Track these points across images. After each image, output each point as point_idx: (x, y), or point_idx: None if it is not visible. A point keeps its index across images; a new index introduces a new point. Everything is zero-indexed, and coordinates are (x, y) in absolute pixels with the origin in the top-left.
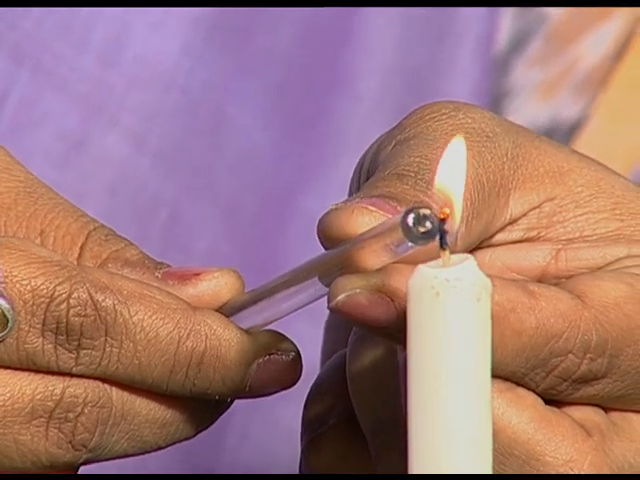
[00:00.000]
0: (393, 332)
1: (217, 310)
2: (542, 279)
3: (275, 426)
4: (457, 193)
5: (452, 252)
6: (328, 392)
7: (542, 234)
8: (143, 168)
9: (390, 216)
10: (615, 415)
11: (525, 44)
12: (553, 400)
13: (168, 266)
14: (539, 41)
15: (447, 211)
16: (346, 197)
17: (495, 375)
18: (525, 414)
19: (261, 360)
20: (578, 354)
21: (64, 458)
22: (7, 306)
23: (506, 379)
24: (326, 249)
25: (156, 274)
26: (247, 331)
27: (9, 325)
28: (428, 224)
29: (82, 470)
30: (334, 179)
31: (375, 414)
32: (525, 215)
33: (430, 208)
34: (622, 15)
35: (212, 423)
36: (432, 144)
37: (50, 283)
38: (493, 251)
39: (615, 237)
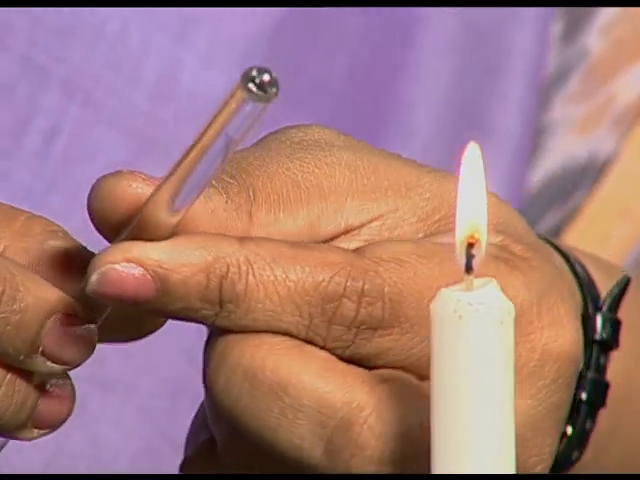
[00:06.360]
0: (161, 306)
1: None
2: None
3: None
4: (482, 221)
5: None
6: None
7: None
8: None
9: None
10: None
11: (565, 79)
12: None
13: None
14: (579, 76)
15: (476, 236)
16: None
17: (274, 331)
18: (313, 365)
19: None
20: (352, 297)
21: None
22: None
23: (288, 336)
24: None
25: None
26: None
27: None
28: (266, 76)
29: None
30: None
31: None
32: (366, 225)
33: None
34: None
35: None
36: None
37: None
38: None
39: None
